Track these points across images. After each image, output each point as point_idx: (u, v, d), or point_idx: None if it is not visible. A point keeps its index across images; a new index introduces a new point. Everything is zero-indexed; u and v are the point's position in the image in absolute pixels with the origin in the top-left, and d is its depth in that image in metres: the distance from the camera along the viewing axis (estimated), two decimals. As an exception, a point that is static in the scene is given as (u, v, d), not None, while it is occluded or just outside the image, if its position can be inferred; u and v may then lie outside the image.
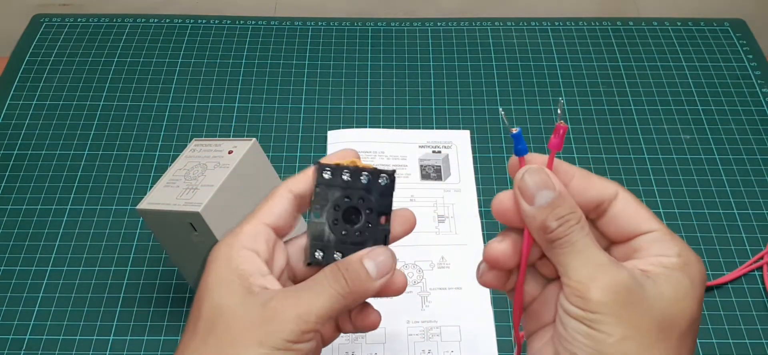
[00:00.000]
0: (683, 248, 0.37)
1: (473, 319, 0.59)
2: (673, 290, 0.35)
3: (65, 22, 0.86)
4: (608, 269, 0.35)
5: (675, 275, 0.35)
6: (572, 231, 0.36)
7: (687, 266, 0.36)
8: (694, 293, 0.35)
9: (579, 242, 0.36)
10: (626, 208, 0.38)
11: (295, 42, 0.84)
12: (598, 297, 0.34)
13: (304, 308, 0.36)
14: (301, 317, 0.36)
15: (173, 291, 0.60)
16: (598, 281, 0.34)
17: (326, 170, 0.39)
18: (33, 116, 0.75)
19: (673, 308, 0.35)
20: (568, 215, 0.36)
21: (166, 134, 0.73)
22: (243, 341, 0.35)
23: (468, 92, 0.78)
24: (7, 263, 0.62)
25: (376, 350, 0.57)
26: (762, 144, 0.73)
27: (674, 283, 0.35)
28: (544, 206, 0.36)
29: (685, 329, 0.35)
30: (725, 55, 0.83)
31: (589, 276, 0.35)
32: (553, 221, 0.36)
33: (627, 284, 0.34)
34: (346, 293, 0.37)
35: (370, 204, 0.39)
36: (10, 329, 0.58)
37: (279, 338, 0.35)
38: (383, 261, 0.38)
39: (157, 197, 0.52)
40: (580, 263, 0.35)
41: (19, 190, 0.68)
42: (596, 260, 0.35)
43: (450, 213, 0.66)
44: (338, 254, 0.39)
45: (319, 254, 0.39)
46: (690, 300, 0.35)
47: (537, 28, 0.86)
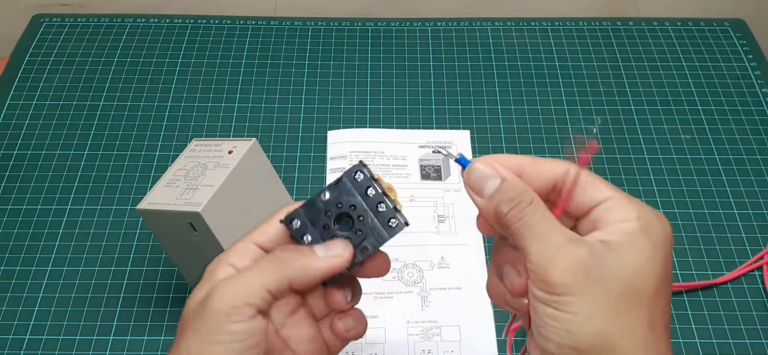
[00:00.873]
0: (642, 210, 0.36)
1: (473, 319, 0.59)
2: (635, 256, 0.35)
3: (65, 22, 0.86)
4: (566, 247, 0.35)
5: (636, 240, 0.35)
6: (525, 213, 0.36)
7: (647, 228, 0.36)
8: (657, 254, 0.35)
9: (536, 225, 0.36)
10: (581, 184, 0.38)
11: (295, 42, 0.84)
12: (558, 278, 0.34)
13: (235, 286, 0.36)
14: (229, 294, 0.36)
15: (173, 291, 0.60)
16: (556, 262, 0.34)
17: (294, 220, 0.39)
18: (33, 116, 0.75)
19: (636, 274, 0.34)
20: (517, 197, 0.36)
21: (166, 134, 0.73)
22: (187, 333, 0.36)
23: (468, 92, 0.78)
24: (7, 263, 0.62)
25: (376, 350, 0.57)
26: (762, 144, 0.73)
27: (636, 248, 0.35)
28: (493, 194, 0.37)
29: (653, 292, 0.35)
30: (725, 55, 0.83)
31: (547, 258, 0.35)
32: (504, 206, 0.36)
33: (586, 260, 0.34)
34: (284, 267, 0.37)
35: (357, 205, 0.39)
36: (10, 329, 0.58)
37: (209, 321, 0.36)
38: (334, 247, 0.38)
39: (157, 197, 0.52)
40: (539, 246, 0.35)
41: (19, 190, 0.68)
42: (554, 241, 0.35)
43: (450, 213, 0.66)
44: (308, 237, 0.39)
45: (297, 223, 0.39)
46: (654, 263, 0.35)
47: (537, 28, 0.86)
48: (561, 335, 0.34)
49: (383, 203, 0.39)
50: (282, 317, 0.40)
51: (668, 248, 0.36)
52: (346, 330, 0.40)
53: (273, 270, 0.37)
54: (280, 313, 0.39)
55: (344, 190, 0.39)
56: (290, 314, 0.40)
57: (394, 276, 0.61)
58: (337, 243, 0.39)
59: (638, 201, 0.37)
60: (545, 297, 0.35)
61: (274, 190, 0.56)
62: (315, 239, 0.39)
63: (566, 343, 0.34)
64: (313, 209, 0.39)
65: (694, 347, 0.57)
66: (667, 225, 0.37)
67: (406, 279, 0.61)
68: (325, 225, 0.39)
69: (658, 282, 0.35)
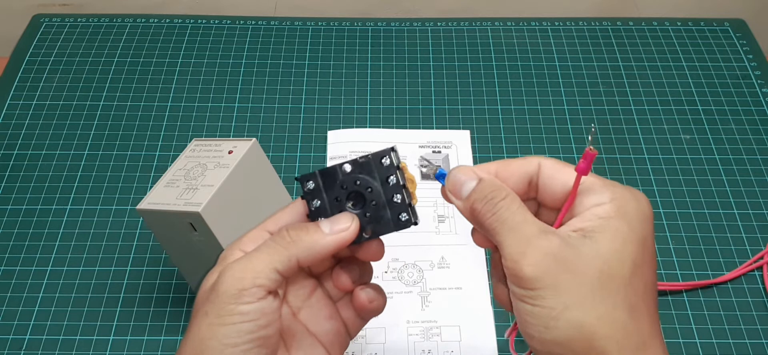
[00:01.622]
0: (617, 191, 0.36)
1: (473, 319, 0.59)
2: (610, 241, 0.34)
3: (65, 22, 0.86)
4: (537, 240, 0.34)
5: (610, 224, 0.35)
6: (499, 207, 0.36)
7: (622, 209, 0.35)
8: (633, 235, 0.35)
9: (509, 219, 0.36)
10: (551, 172, 0.38)
11: (295, 42, 0.84)
12: (529, 272, 0.34)
13: (244, 267, 0.36)
14: (237, 276, 0.36)
15: (173, 291, 0.60)
16: (528, 256, 0.34)
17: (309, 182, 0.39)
18: (33, 116, 0.75)
19: (610, 259, 0.34)
20: (491, 193, 0.36)
21: (166, 134, 0.73)
22: (198, 316, 0.37)
23: (468, 92, 0.78)
24: (7, 263, 0.62)
25: (376, 350, 0.57)
26: (762, 144, 0.73)
27: (610, 232, 0.34)
28: (470, 194, 0.37)
29: (629, 276, 0.34)
30: (725, 55, 0.83)
31: (519, 253, 0.34)
32: (479, 203, 0.36)
33: (556, 251, 0.34)
34: (290, 245, 0.37)
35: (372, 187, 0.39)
36: (10, 329, 0.58)
37: (218, 303, 0.36)
38: (340, 222, 0.38)
39: (157, 197, 0.52)
40: (512, 241, 0.35)
41: (19, 190, 0.68)
42: (526, 234, 0.35)
43: (450, 213, 0.66)
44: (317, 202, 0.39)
45: (311, 184, 0.39)
46: (630, 245, 0.34)
47: (537, 28, 0.86)
48: (540, 331, 0.34)
49: (400, 194, 0.39)
50: (299, 300, 0.40)
51: (647, 226, 0.35)
52: (369, 300, 0.40)
53: (280, 250, 0.37)
54: (297, 296, 0.40)
55: (367, 170, 0.39)
56: (307, 297, 0.40)
57: (394, 276, 0.61)
58: (344, 217, 0.38)
59: (613, 183, 0.37)
60: (520, 293, 0.35)
61: (274, 190, 0.56)
62: (323, 207, 0.39)
63: (546, 338, 0.34)
64: (329, 178, 0.39)
65: (694, 347, 0.57)
66: (644, 203, 0.36)
67: (406, 279, 0.61)
68: (337, 197, 0.39)
69: (634, 265, 0.34)
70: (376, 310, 0.41)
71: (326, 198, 0.39)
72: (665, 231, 0.65)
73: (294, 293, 0.40)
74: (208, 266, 0.52)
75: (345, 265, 0.40)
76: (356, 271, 0.40)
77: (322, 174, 0.39)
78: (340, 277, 0.40)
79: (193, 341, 0.36)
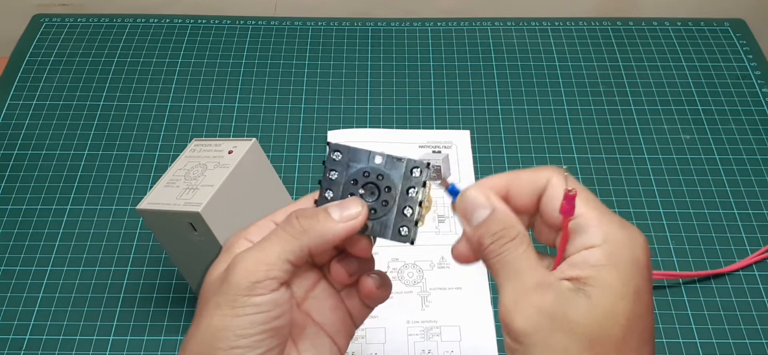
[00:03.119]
0: (610, 231, 0.34)
1: (473, 319, 0.59)
2: (602, 298, 0.32)
3: (65, 22, 0.86)
4: (532, 294, 0.33)
5: (602, 277, 0.33)
6: (505, 249, 0.35)
7: (613, 256, 0.33)
8: (626, 289, 0.33)
9: (512, 263, 0.34)
10: (553, 195, 0.36)
11: (295, 42, 0.84)
12: (520, 326, 0.33)
13: (255, 259, 0.36)
14: (250, 268, 0.36)
15: (173, 291, 0.60)
16: (521, 309, 0.33)
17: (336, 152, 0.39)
18: (33, 116, 0.75)
19: (602, 320, 0.32)
20: (501, 231, 0.35)
21: (166, 134, 0.73)
22: (210, 306, 0.36)
23: (468, 92, 0.78)
24: (7, 263, 0.62)
25: (376, 350, 0.57)
26: (762, 144, 0.73)
27: (601, 287, 0.33)
28: (480, 224, 0.36)
29: (621, 335, 0.32)
30: (725, 55, 0.83)
31: (513, 303, 0.33)
32: (487, 238, 0.35)
33: (550, 309, 0.33)
34: (301, 235, 0.37)
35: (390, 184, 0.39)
36: (10, 329, 0.58)
37: (231, 294, 0.36)
38: (349, 208, 0.38)
39: (157, 197, 0.52)
40: (510, 288, 0.34)
41: (19, 190, 0.68)
42: (525, 284, 0.34)
43: (450, 213, 0.66)
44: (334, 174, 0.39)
45: (329, 194, 0.39)
46: (622, 301, 0.33)
47: (537, 28, 0.86)
48: None
49: (413, 209, 0.39)
50: (303, 291, 0.40)
51: (641, 275, 0.34)
52: (377, 286, 0.40)
53: (291, 240, 0.37)
54: (301, 287, 0.40)
55: (397, 170, 0.39)
56: (311, 288, 0.40)
57: (394, 276, 0.61)
58: (353, 202, 0.38)
59: (608, 216, 0.35)
60: (510, 344, 0.34)
61: (274, 190, 0.56)
62: (337, 184, 0.39)
63: None
64: (357, 157, 0.39)
65: (694, 347, 0.57)
66: (639, 247, 0.34)
67: (406, 279, 0.61)
68: (355, 179, 0.39)
69: (628, 323, 0.33)
70: (382, 297, 0.41)
71: (343, 178, 0.39)
72: (665, 231, 0.65)
73: (298, 284, 0.40)
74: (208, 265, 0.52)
75: (343, 258, 0.40)
76: (354, 264, 0.40)
77: (353, 151, 0.39)
78: (338, 270, 0.40)
79: (203, 332, 0.36)
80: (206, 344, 0.36)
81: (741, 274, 0.62)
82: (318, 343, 0.40)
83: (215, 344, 0.35)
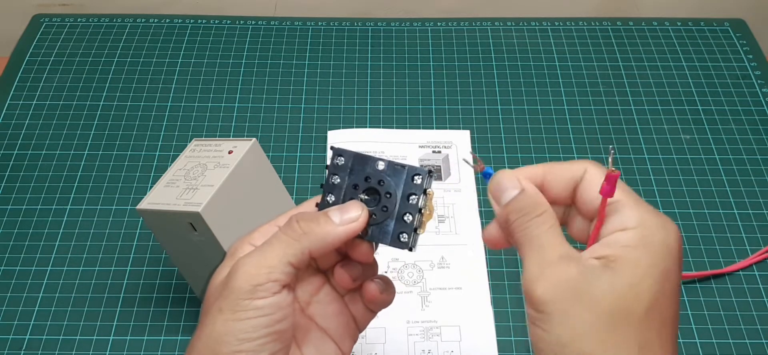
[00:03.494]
0: (646, 217, 0.35)
1: (473, 319, 0.59)
2: (629, 275, 0.33)
3: (65, 22, 0.86)
4: (557, 265, 0.34)
5: (632, 255, 0.34)
6: (531, 224, 0.35)
7: (646, 238, 0.34)
8: (654, 269, 0.33)
9: (537, 237, 0.35)
10: (591, 182, 0.37)
11: (295, 42, 0.84)
12: (541, 294, 0.33)
13: (256, 262, 0.36)
14: (251, 272, 0.36)
15: (173, 291, 0.60)
16: (543, 279, 0.34)
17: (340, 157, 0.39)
18: (33, 116, 0.75)
19: (626, 294, 0.33)
20: (528, 207, 0.36)
21: (166, 134, 0.73)
22: (212, 311, 0.36)
23: (468, 92, 0.78)
24: (7, 263, 0.62)
25: (376, 350, 0.57)
26: (762, 144, 0.73)
27: (631, 265, 0.33)
28: (509, 203, 0.36)
29: (644, 312, 0.33)
30: (725, 55, 0.83)
31: (536, 274, 0.34)
32: (513, 215, 0.36)
33: (572, 280, 0.33)
34: (302, 238, 0.37)
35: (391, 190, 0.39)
36: (10, 329, 0.58)
37: (233, 298, 0.36)
38: (349, 211, 0.38)
39: (157, 197, 0.52)
40: (532, 260, 0.35)
41: (19, 190, 0.68)
42: (549, 257, 0.34)
43: (450, 213, 0.66)
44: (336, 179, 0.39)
45: (331, 198, 0.39)
46: (648, 279, 0.33)
47: (537, 28, 0.86)
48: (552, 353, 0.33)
49: (413, 215, 0.39)
50: (307, 295, 0.40)
51: (671, 258, 0.34)
52: (380, 291, 0.40)
53: (292, 242, 0.37)
54: (305, 292, 0.40)
55: (398, 177, 0.39)
56: (315, 293, 0.40)
57: (394, 276, 0.61)
58: (353, 206, 0.38)
59: (644, 205, 0.35)
60: (532, 314, 0.34)
61: (274, 190, 0.56)
62: (338, 188, 0.39)
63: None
64: (360, 163, 0.39)
65: (694, 346, 0.57)
66: (672, 232, 0.35)
67: (406, 279, 0.61)
68: (356, 184, 0.39)
69: (651, 301, 0.33)
70: (386, 301, 0.41)
71: (345, 181, 0.39)
72: (665, 231, 0.65)
73: (302, 289, 0.40)
74: (208, 266, 0.52)
75: (346, 263, 0.40)
76: (358, 268, 0.40)
77: (355, 156, 0.39)
78: (341, 274, 0.40)
79: (207, 337, 0.36)
80: (209, 349, 0.36)
81: (741, 274, 0.62)
82: (322, 347, 0.40)
83: (218, 348, 0.35)
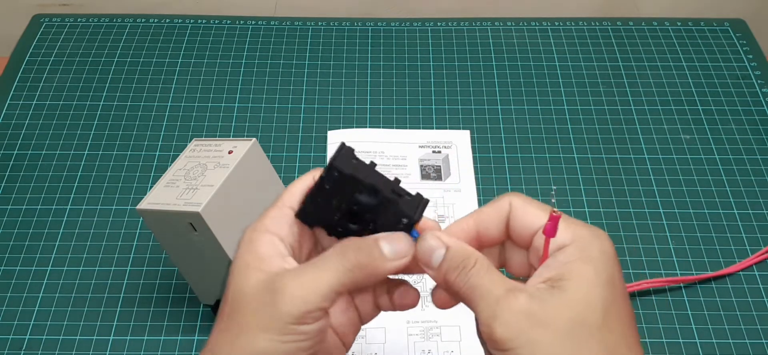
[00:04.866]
0: (577, 231, 0.36)
1: (473, 319, 0.59)
2: (577, 288, 0.34)
3: (65, 22, 0.86)
4: (505, 301, 0.34)
5: (575, 269, 0.34)
6: (470, 275, 0.36)
7: (585, 251, 0.35)
8: (600, 278, 0.34)
9: (479, 284, 0.35)
10: (517, 212, 0.38)
11: (295, 42, 0.84)
12: (501, 334, 0.34)
13: (306, 287, 0.36)
14: (302, 297, 0.35)
15: (173, 291, 0.60)
16: (498, 317, 0.34)
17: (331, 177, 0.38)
18: (33, 116, 0.75)
19: (579, 307, 0.33)
20: (461, 262, 0.36)
21: (166, 134, 0.73)
22: (251, 326, 0.36)
23: (468, 92, 0.78)
24: (7, 263, 0.62)
25: (376, 350, 0.57)
26: (762, 144, 0.73)
27: (576, 279, 0.34)
28: (441, 264, 0.37)
29: (602, 319, 0.33)
30: (725, 55, 0.83)
31: (490, 316, 0.34)
32: (451, 274, 0.36)
33: (525, 308, 0.34)
34: (353, 267, 0.37)
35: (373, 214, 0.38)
36: (10, 329, 0.58)
37: (281, 321, 0.35)
38: (398, 239, 0.38)
39: (157, 197, 0.52)
40: (484, 305, 0.35)
41: (19, 190, 0.68)
42: (495, 295, 0.35)
43: (450, 213, 0.66)
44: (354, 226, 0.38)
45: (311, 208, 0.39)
46: (597, 288, 0.34)
47: (537, 28, 0.86)
48: None
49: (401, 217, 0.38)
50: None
51: (612, 264, 0.35)
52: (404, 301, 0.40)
53: (345, 272, 0.37)
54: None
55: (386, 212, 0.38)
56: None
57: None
58: (402, 241, 0.38)
59: (574, 220, 0.36)
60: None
61: (274, 190, 0.55)
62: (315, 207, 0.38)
63: None
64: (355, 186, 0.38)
65: (694, 346, 0.57)
66: (607, 242, 0.36)
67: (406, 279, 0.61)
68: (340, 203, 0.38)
69: (606, 307, 0.34)
70: (412, 305, 0.41)
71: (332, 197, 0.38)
72: (665, 231, 0.65)
73: None
74: (209, 266, 0.52)
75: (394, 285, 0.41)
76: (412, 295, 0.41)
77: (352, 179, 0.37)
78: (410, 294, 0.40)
79: (244, 349, 0.36)
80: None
81: (741, 274, 0.62)
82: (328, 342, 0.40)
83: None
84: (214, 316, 0.58)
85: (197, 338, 0.57)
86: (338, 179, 0.38)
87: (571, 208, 0.67)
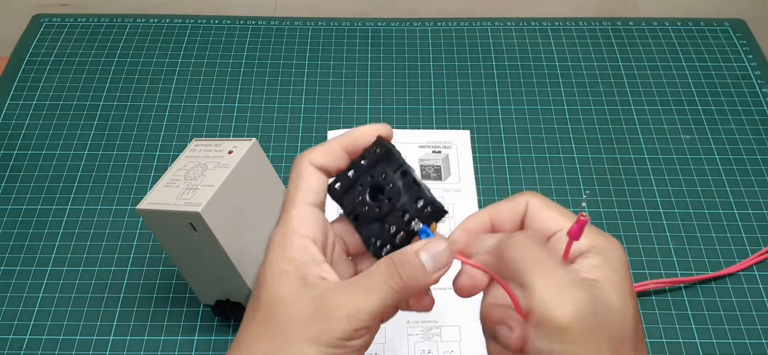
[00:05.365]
0: (593, 237, 0.36)
1: (473, 319, 0.59)
2: (616, 296, 0.34)
3: (65, 22, 0.86)
4: (574, 289, 0.34)
5: (608, 276, 0.34)
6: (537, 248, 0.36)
7: (606, 259, 0.35)
8: (628, 288, 0.34)
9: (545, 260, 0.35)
10: (534, 212, 0.38)
11: (295, 42, 0.84)
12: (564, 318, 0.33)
13: (357, 306, 0.36)
14: (353, 315, 0.35)
15: (173, 291, 0.60)
16: (564, 302, 0.33)
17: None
18: (33, 116, 0.75)
19: (621, 316, 0.34)
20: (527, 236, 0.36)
21: (166, 134, 0.73)
22: (297, 336, 0.35)
23: (468, 92, 0.78)
24: (7, 263, 0.62)
25: (376, 350, 0.57)
26: (762, 144, 0.73)
27: (612, 287, 0.34)
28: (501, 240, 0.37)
29: (634, 331, 0.34)
30: (725, 55, 0.83)
31: (553, 296, 0.33)
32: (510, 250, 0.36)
33: (592, 305, 0.33)
34: (401, 289, 0.37)
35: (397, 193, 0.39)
36: (10, 329, 0.58)
37: (331, 336, 0.35)
38: (439, 254, 0.37)
39: (157, 197, 0.52)
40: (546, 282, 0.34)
41: (19, 190, 0.68)
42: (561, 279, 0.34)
43: (450, 213, 0.66)
44: (387, 247, 0.39)
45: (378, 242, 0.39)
46: (629, 299, 0.34)
47: (537, 28, 0.86)
48: None
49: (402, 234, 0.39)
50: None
51: (629, 273, 0.35)
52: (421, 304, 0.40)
53: (390, 294, 0.36)
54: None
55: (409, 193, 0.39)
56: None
57: (394, 276, 0.61)
58: (440, 247, 0.37)
59: (589, 227, 0.36)
60: (545, 346, 0.34)
61: (274, 190, 0.56)
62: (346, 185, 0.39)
63: None
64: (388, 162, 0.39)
65: (694, 346, 0.57)
66: (620, 249, 0.36)
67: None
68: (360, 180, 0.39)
69: (635, 318, 0.34)
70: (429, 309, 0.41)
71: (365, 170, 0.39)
72: (665, 231, 0.65)
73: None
74: (209, 266, 0.52)
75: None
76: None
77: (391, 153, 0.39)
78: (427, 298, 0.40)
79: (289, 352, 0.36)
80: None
81: (741, 275, 0.62)
82: None
83: None
84: (215, 316, 0.58)
85: (197, 338, 0.57)
86: (378, 153, 0.39)
87: (571, 208, 0.67)
